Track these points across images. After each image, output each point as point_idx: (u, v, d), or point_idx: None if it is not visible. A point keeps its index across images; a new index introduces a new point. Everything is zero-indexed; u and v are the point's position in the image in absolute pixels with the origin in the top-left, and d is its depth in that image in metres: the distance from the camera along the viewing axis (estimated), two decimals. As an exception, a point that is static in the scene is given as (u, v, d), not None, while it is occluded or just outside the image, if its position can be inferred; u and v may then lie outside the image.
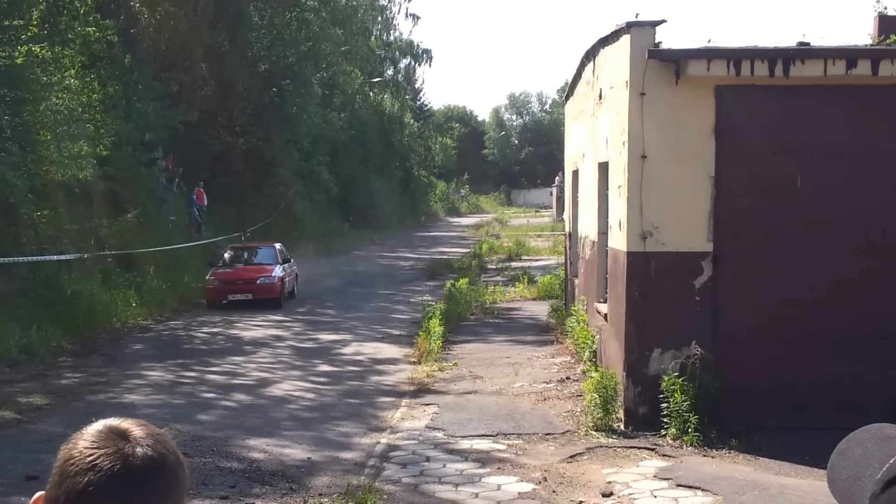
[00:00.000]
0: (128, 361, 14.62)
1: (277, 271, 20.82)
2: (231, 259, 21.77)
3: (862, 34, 20.57)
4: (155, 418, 10.42)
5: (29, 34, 16.93)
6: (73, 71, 18.14)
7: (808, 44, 9.79)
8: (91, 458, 1.30)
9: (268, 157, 30.61)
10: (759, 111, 9.60)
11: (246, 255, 22.29)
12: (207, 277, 20.64)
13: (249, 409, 11.47)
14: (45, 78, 17.06)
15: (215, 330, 17.76)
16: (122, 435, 1.34)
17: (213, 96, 29.13)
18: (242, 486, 8.36)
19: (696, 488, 8.00)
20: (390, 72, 54.22)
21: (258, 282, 20.40)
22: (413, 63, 56.60)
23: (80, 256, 18.23)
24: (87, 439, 1.33)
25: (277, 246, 22.62)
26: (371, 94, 48.94)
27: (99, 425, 1.36)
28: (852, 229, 9.58)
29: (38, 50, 16.92)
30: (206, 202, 27.03)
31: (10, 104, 16.41)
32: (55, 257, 17.32)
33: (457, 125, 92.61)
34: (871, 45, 11.11)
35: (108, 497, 1.28)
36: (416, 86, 67.02)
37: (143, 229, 22.20)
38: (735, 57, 9.41)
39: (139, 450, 1.32)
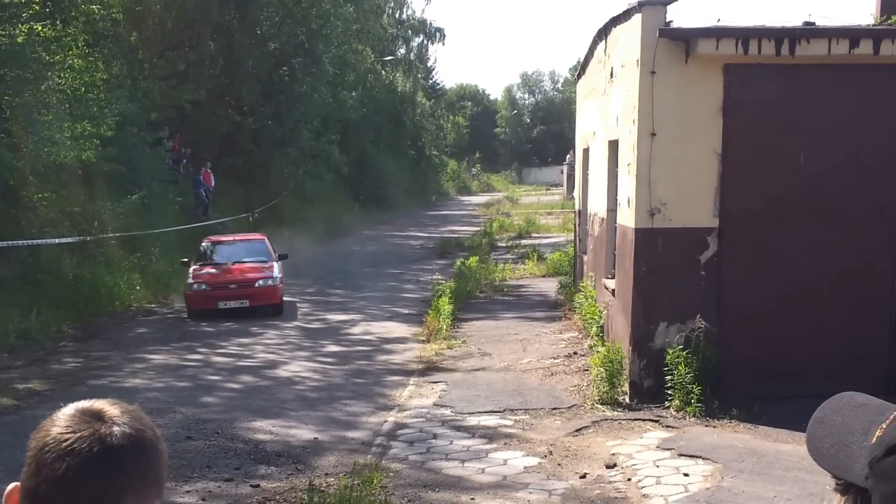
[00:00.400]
0: (131, 345, 14.39)
1: (276, 270, 17.16)
2: (212, 256, 17.92)
3: (865, 14, 20.48)
4: (158, 402, 10.46)
5: (30, 12, 16.37)
6: (76, 50, 17.66)
7: (813, 23, 9.91)
8: (67, 442, 1.27)
9: (277, 136, 30.30)
10: (766, 89, 9.73)
11: (230, 250, 18.15)
12: (188, 281, 16.69)
13: (255, 391, 11.40)
14: (47, 57, 16.56)
15: (222, 311, 17.68)
16: (96, 416, 1.31)
17: (221, 75, 28.66)
18: (247, 468, 8.35)
19: (697, 457, 8.17)
20: (402, 50, 54.09)
21: (257, 285, 16.71)
22: (426, 41, 56.47)
23: (82, 239, 17.82)
24: (59, 424, 1.30)
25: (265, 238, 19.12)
26: (383, 72, 48.81)
27: (70, 409, 1.33)
28: (852, 206, 9.78)
29: (40, 28, 16.41)
30: (213, 183, 26.48)
31: (10, 84, 15.97)
32: (56, 240, 16.94)
33: (469, 104, 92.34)
34: (873, 25, 11.15)
35: (90, 479, 1.26)
36: (429, 65, 66.82)
37: (148, 211, 21.64)
38: (743, 36, 9.52)
39: (116, 428, 1.30)
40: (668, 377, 9.51)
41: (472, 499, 7.43)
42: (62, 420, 1.31)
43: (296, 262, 21.28)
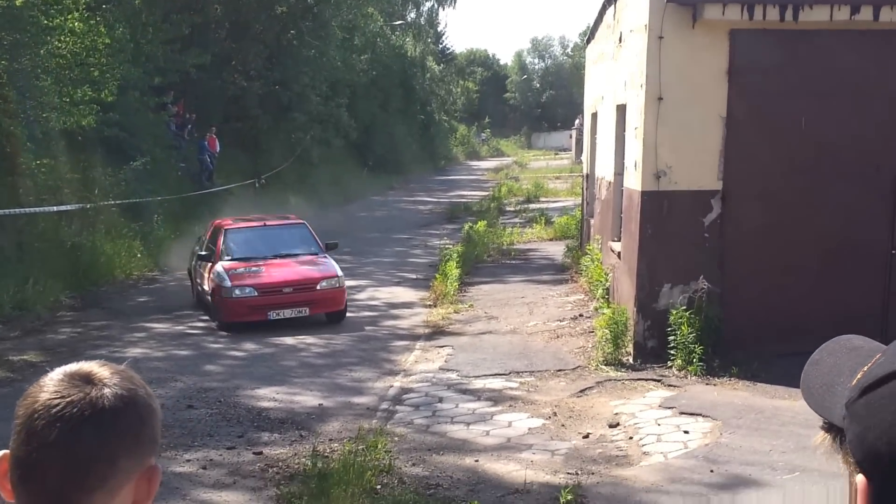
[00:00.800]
0: (131, 314, 14.11)
1: (335, 266, 13.71)
2: (238, 246, 13.93)
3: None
4: (159, 371, 10.37)
5: (30, -27, 15.71)
6: (76, 13, 17.04)
7: (816, -11, 9.98)
8: (57, 408, 1.24)
9: (284, 101, 30.00)
10: (770, 54, 9.87)
11: (262, 239, 14.26)
12: (225, 284, 12.87)
13: (259, 358, 11.32)
14: (45, 21, 16.04)
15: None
16: (85, 379, 1.28)
17: (227, 39, 28.24)
18: (250, 435, 8.32)
19: (697, 415, 8.31)
20: (412, 14, 53.66)
21: (319, 287, 13.04)
22: (436, 6, 55.96)
23: (81, 207, 17.31)
24: (48, 390, 1.27)
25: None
26: (393, 37, 48.48)
27: (58, 374, 1.30)
28: (851, 167, 9.90)
29: (40, -10, 15.83)
30: (218, 148, 26.11)
31: (7, 48, 15.41)
32: (55, 208, 16.47)
33: (479, 69, 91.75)
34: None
35: (83, 445, 1.24)
36: (439, 29, 66.39)
37: (151, 178, 21.09)
38: (748, 2, 9.66)
39: (107, 390, 1.27)
40: (671, 337, 9.67)
41: (477, 461, 7.52)
42: (50, 385, 1.28)
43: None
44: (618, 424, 8.31)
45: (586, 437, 8.04)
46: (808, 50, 9.82)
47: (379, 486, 6.81)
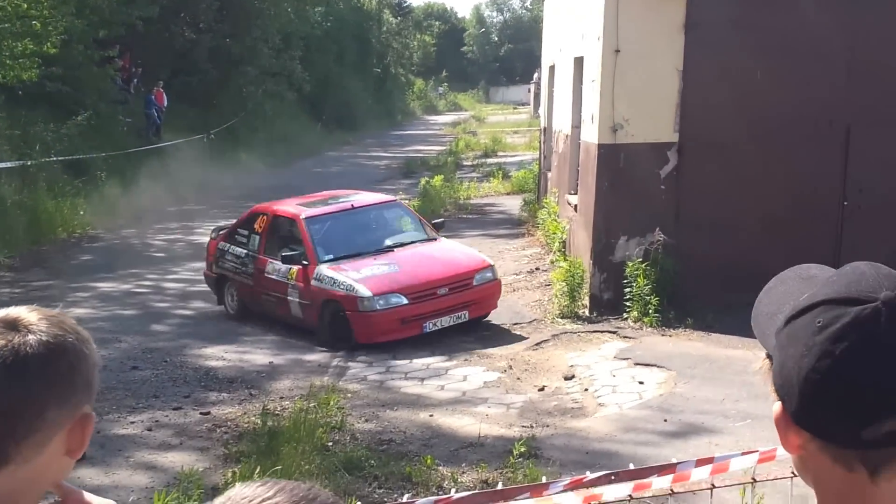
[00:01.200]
0: (74, 273, 13.63)
1: (478, 253, 11.31)
2: (337, 242, 10.55)
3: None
4: (102, 331, 10.03)
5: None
6: None
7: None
8: None
9: (235, 54, 29.47)
10: (726, 8, 9.84)
11: (359, 226, 11.06)
12: (355, 292, 9.63)
13: (207, 318, 11.12)
14: None
15: (174, 237, 16.77)
16: (10, 325, 1.23)
17: None
18: (197, 395, 8.20)
19: (652, 366, 8.36)
20: (369, -34, 52.74)
21: (475, 282, 10.19)
22: (393, -43, 55.01)
23: (21, 164, 16.71)
24: None
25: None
26: (349, -12, 47.61)
27: None
28: (804, 121, 9.89)
29: (-22, -60, 15.26)
30: (165, 103, 25.58)
31: None
32: None
33: (436, 23, 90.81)
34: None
35: (4, 393, 1.18)
36: (396, -18, 65.42)
37: (96, 133, 20.49)
38: (705, -46, 9.50)
39: (32, 337, 1.21)
40: (627, 289, 9.70)
41: (431, 415, 7.49)
42: None
43: (255, 185, 20.74)
44: (573, 377, 8.31)
45: (542, 389, 8.04)
46: (765, 4, 9.79)
47: (330, 443, 6.73)
